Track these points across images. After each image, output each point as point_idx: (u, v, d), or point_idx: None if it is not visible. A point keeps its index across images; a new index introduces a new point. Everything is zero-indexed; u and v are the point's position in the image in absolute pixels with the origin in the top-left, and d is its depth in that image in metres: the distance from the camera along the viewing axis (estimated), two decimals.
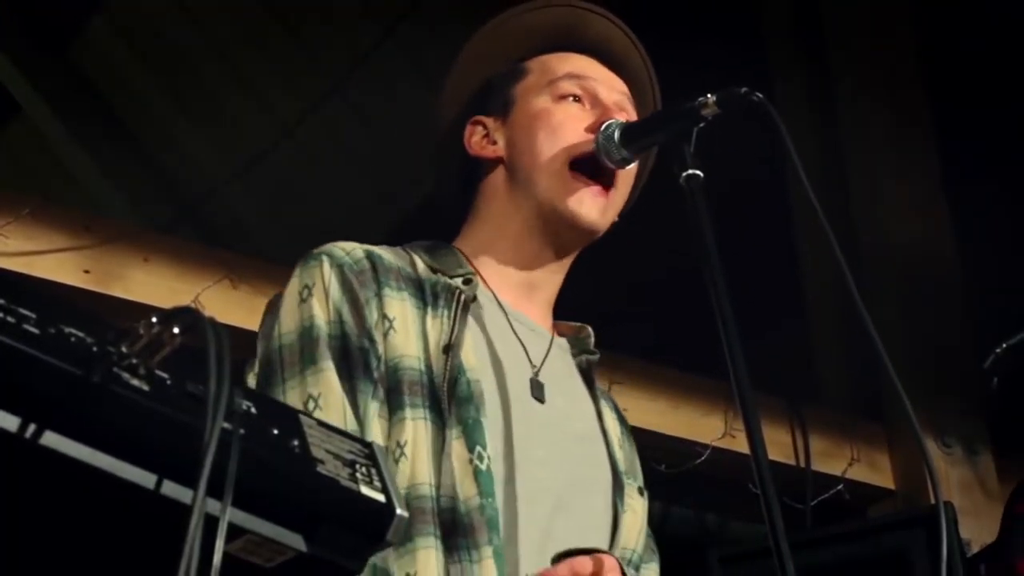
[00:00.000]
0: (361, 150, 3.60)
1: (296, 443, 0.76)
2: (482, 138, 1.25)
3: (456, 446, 1.08)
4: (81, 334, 0.71)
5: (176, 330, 0.71)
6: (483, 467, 1.08)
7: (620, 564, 1.09)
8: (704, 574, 2.17)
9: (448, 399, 1.09)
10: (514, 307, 1.21)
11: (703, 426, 2.50)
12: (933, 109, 2.93)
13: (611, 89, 1.25)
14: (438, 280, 1.17)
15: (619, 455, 1.21)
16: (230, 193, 3.82)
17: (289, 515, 0.75)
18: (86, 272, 2.01)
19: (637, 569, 1.21)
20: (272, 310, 1.16)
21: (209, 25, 3.64)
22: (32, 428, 0.69)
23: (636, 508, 1.21)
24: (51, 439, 0.70)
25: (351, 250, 1.16)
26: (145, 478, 0.72)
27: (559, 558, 1.07)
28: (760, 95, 1.09)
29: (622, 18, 1.31)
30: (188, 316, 0.71)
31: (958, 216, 2.86)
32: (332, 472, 0.76)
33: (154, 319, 0.71)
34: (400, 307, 1.13)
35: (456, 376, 1.10)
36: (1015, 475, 2.75)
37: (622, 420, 1.28)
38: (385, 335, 1.11)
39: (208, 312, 0.73)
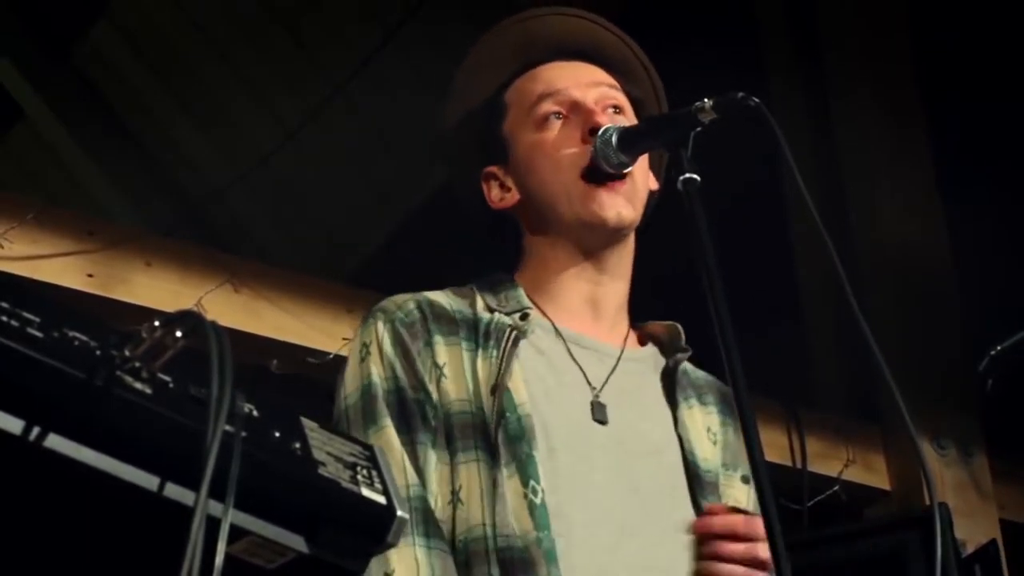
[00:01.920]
0: (362, 153, 3.60)
1: (297, 445, 0.77)
2: (499, 190, 1.26)
3: (510, 484, 1.10)
4: (84, 338, 0.71)
5: (179, 333, 0.71)
6: (537, 501, 1.09)
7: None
8: None
9: (497, 437, 1.11)
10: (578, 331, 1.21)
11: None
12: (928, 110, 2.94)
13: (587, 86, 1.24)
14: (492, 319, 1.18)
15: (701, 454, 1.20)
16: (232, 197, 3.83)
17: (290, 517, 0.76)
18: (89, 276, 2.01)
19: None
20: (342, 373, 1.20)
21: (212, 30, 3.65)
22: (36, 431, 0.70)
23: (738, 498, 1.20)
24: (55, 441, 0.70)
25: (402, 303, 1.19)
26: (148, 480, 0.72)
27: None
28: (756, 99, 1.09)
29: (619, 20, 1.31)
30: (190, 319, 0.72)
31: (953, 217, 2.87)
32: (333, 474, 0.77)
33: (157, 323, 0.72)
34: (451, 353, 1.16)
35: (505, 414, 1.12)
36: (1009, 476, 2.77)
37: (723, 411, 1.25)
38: (438, 383, 1.15)
39: (210, 315, 0.74)
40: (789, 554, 0.96)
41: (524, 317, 1.18)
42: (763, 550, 1.07)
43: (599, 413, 1.17)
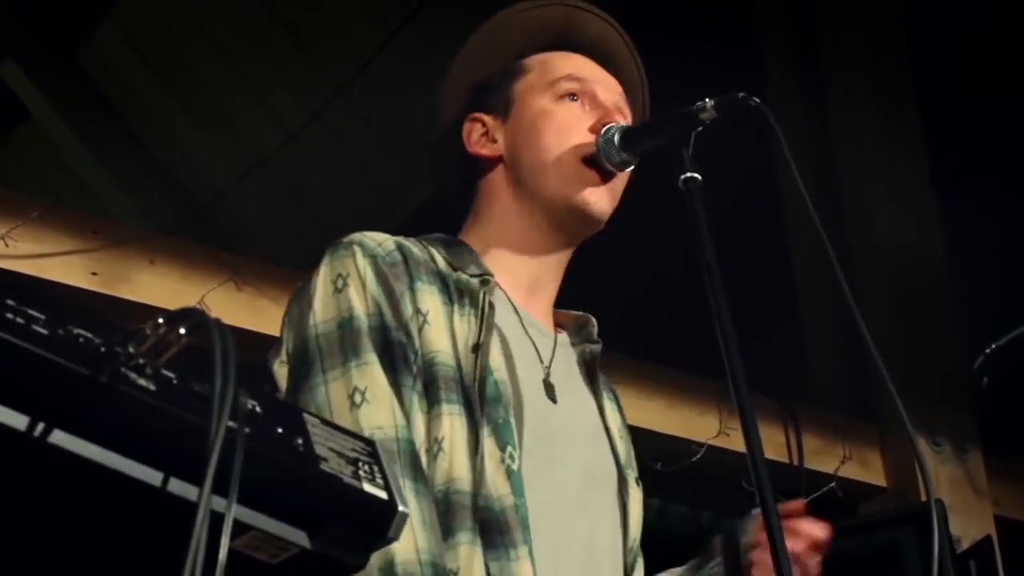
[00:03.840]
0: (364, 153, 3.62)
1: (300, 441, 0.77)
2: (481, 136, 1.25)
3: (488, 444, 1.08)
4: (89, 335, 0.72)
5: (182, 331, 0.72)
6: (514, 467, 1.08)
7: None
8: None
9: (478, 397, 1.09)
10: (524, 307, 1.21)
11: (698, 425, 2.52)
12: (923, 110, 2.95)
13: (608, 90, 1.26)
14: (459, 277, 1.16)
15: (620, 448, 1.22)
16: (235, 196, 3.84)
17: (293, 512, 0.76)
18: (94, 274, 2.02)
19: (635, 560, 1.21)
20: (300, 298, 1.14)
21: (215, 32, 3.66)
22: (41, 427, 0.70)
23: (637, 499, 1.22)
24: (59, 438, 0.70)
25: (382, 241, 1.15)
26: (152, 476, 0.73)
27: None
28: (757, 100, 1.10)
29: (618, 17, 1.32)
30: (194, 317, 0.72)
31: (948, 215, 2.88)
32: (335, 470, 0.77)
33: (160, 320, 0.72)
34: (432, 301, 1.13)
35: (485, 376, 1.10)
36: (1004, 473, 2.78)
37: (621, 410, 1.28)
38: (420, 329, 1.11)
39: (213, 313, 0.74)
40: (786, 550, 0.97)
41: (484, 283, 1.16)
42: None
43: (550, 392, 1.17)
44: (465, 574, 1.04)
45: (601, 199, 1.21)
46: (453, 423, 1.09)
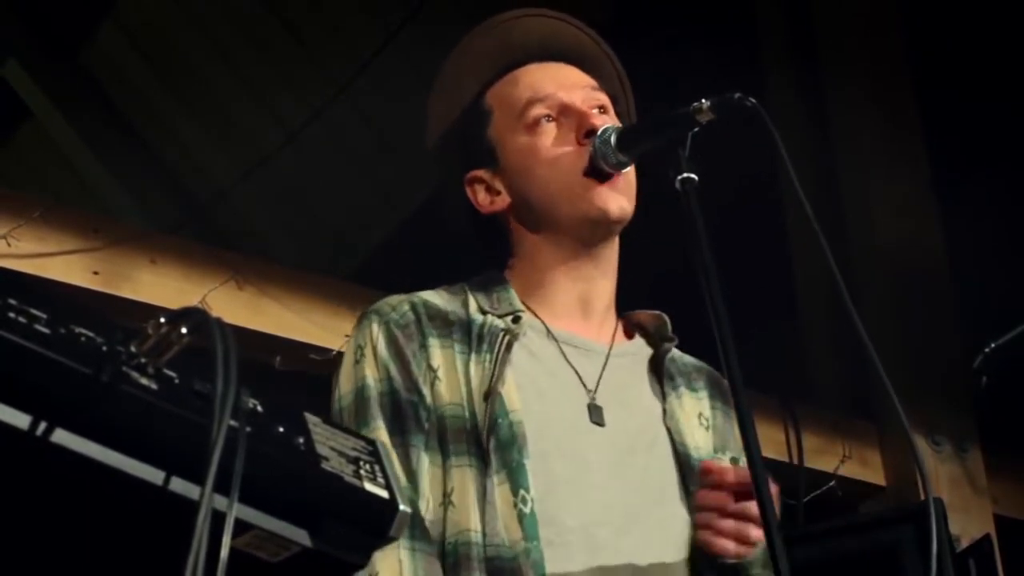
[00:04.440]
0: (364, 153, 3.62)
1: (301, 440, 0.78)
2: (486, 194, 1.26)
3: (500, 491, 1.10)
4: (91, 334, 0.72)
5: (183, 330, 0.72)
6: (527, 510, 1.10)
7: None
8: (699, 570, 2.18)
9: (488, 444, 1.11)
10: (569, 330, 1.22)
11: None
12: (923, 110, 2.95)
13: (570, 89, 1.24)
14: (486, 321, 1.18)
15: (692, 443, 1.20)
16: (236, 196, 3.84)
17: (294, 511, 0.77)
18: (95, 273, 2.02)
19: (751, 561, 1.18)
20: (336, 373, 1.21)
21: (216, 32, 3.66)
22: (43, 426, 0.70)
23: None
24: (61, 436, 0.71)
25: (396, 304, 1.19)
26: (153, 475, 0.73)
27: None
28: (753, 100, 1.10)
29: (616, 19, 1.32)
30: (195, 316, 0.73)
31: (947, 215, 2.89)
32: (336, 469, 0.78)
33: (162, 319, 0.73)
34: (444, 355, 1.16)
35: (496, 420, 1.12)
36: (1003, 472, 2.78)
37: (713, 395, 1.25)
38: (432, 385, 1.15)
39: (214, 312, 0.74)
40: (784, 549, 0.98)
41: (516, 320, 1.18)
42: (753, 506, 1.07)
43: (596, 415, 1.17)
44: None
45: (612, 198, 1.21)
46: (463, 475, 1.12)
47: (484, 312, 1.19)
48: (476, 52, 1.28)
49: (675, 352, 1.27)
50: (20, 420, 0.70)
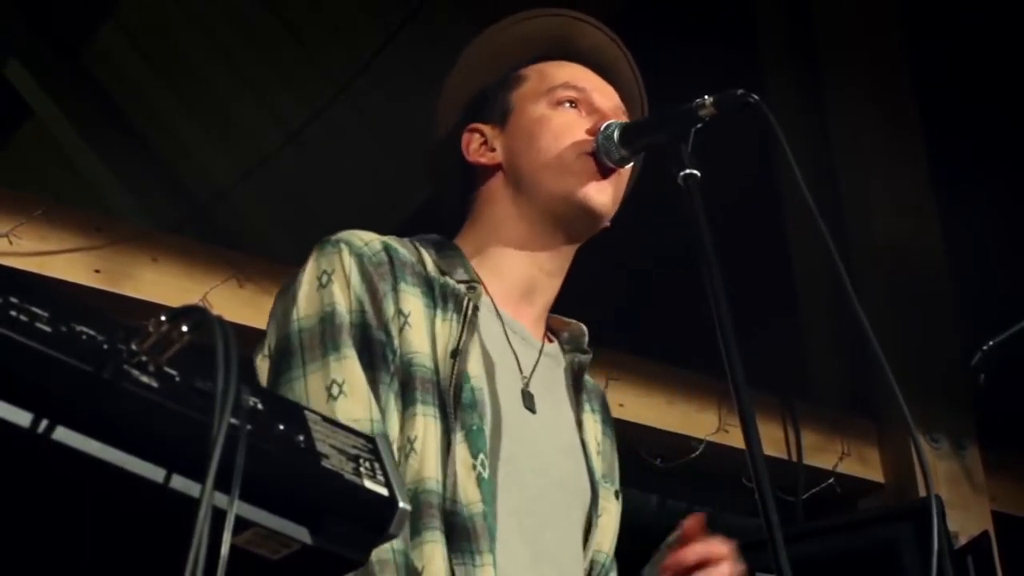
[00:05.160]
0: (365, 153, 3.62)
1: (301, 438, 0.78)
2: (480, 145, 1.26)
3: (460, 450, 1.09)
4: (92, 332, 0.72)
5: (184, 328, 0.72)
6: (485, 475, 1.09)
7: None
8: None
9: (454, 403, 1.10)
10: (511, 315, 1.21)
11: (698, 421, 2.53)
12: (922, 110, 2.95)
13: (606, 96, 1.27)
14: (446, 282, 1.17)
15: (596, 464, 1.22)
16: (237, 195, 3.85)
17: (295, 508, 0.77)
18: (97, 272, 2.03)
19: (607, 574, 1.21)
20: (286, 293, 1.15)
21: (217, 32, 3.67)
22: (44, 423, 0.70)
23: (611, 510, 1.22)
24: (63, 434, 0.71)
25: (369, 241, 1.16)
26: (154, 472, 0.73)
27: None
28: (756, 97, 1.10)
29: (618, 18, 1.33)
30: (196, 314, 0.73)
31: (946, 213, 2.89)
32: (336, 466, 0.78)
33: (163, 317, 0.73)
34: (414, 303, 1.14)
35: (461, 382, 1.11)
36: (1001, 469, 2.79)
37: (605, 419, 1.27)
38: (401, 330, 1.12)
39: (215, 310, 0.75)
40: (784, 546, 0.98)
41: (471, 289, 1.17)
42: (728, 569, 1.10)
43: (528, 402, 1.17)
44: (429, 572, 1.05)
45: (602, 192, 1.21)
46: (427, 424, 1.10)
47: (442, 272, 1.17)
48: (528, 32, 1.29)
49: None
50: (21, 418, 0.70)
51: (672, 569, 1.12)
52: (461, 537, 1.07)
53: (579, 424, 1.22)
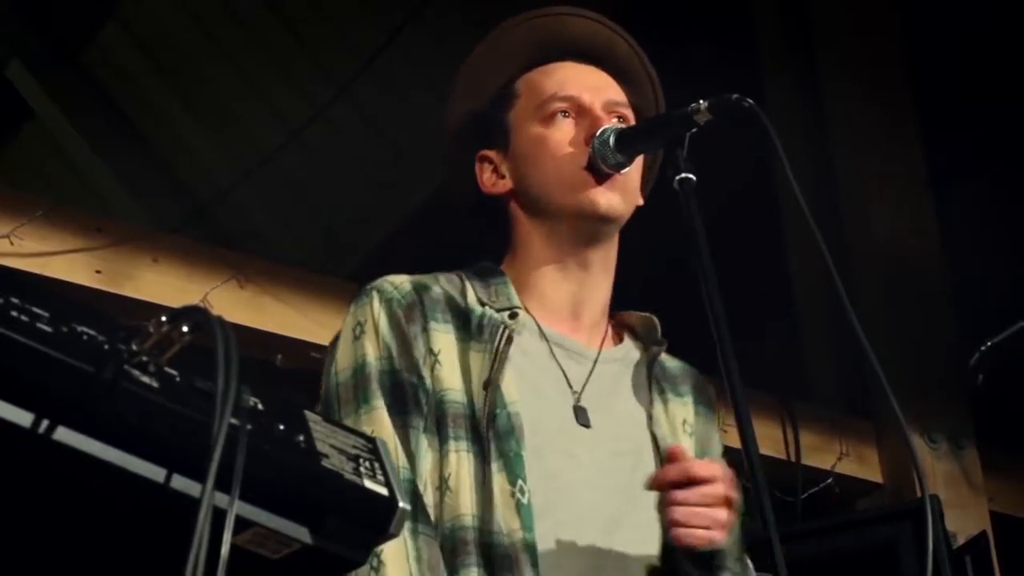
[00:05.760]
0: (366, 152, 3.63)
1: (301, 438, 0.78)
2: (491, 174, 1.27)
3: (498, 479, 1.11)
4: (93, 332, 0.72)
5: (185, 329, 0.72)
6: (524, 500, 1.10)
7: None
8: None
9: (488, 432, 1.12)
10: (560, 332, 1.22)
11: None
12: (920, 110, 2.96)
13: (596, 91, 1.26)
14: (484, 313, 1.19)
15: (687, 447, 1.20)
16: (237, 195, 3.85)
17: (295, 508, 0.77)
18: (97, 272, 2.04)
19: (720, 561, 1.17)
20: (331, 348, 1.20)
21: (218, 32, 3.67)
22: (45, 424, 0.71)
23: None
24: (63, 434, 0.71)
25: (399, 284, 1.19)
26: (155, 472, 0.73)
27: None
28: (751, 101, 1.11)
29: (615, 18, 1.33)
30: (196, 315, 0.73)
31: (944, 214, 2.89)
32: (336, 466, 0.78)
33: (164, 318, 0.73)
34: (445, 340, 1.17)
35: (495, 410, 1.12)
36: (999, 469, 2.79)
37: (698, 400, 1.26)
38: (432, 369, 1.15)
39: (216, 311, 0.75)
40: (782, 546, 0.98)
41: (513, 316, 1.19)
42: (721, 488, 1.08)
43: (581, 417, 1.18)
44: None
45: (603, 195, 1.22)
46: (460, 459, 1.12)
47: (483, 304, 1.20)
48: (512, 42, 1.29)
49: (662, 356, 1.27)
50: (22, 418, 0.70)
51: (657, 484, 1.11)
52: (503, 567, 1.08)
53: (650, 418, 1.22)
